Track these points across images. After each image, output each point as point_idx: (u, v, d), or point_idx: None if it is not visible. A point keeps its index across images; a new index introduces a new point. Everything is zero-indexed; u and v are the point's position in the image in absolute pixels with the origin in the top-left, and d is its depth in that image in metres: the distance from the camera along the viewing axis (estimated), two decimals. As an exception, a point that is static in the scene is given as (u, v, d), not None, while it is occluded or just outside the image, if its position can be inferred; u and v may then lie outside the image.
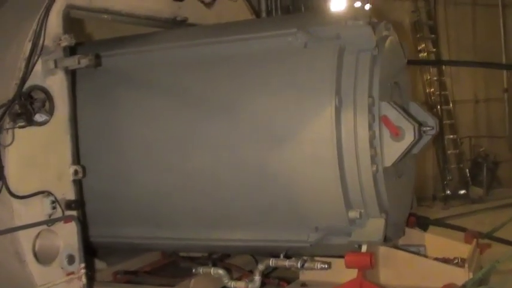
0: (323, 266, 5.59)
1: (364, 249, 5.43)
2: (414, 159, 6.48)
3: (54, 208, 5.30)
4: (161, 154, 5.93)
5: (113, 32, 7.24)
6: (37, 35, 5.24)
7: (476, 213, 14.80)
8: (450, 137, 17.36)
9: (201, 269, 5.96)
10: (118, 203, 6.19)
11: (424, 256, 6.27)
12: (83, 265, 5.45)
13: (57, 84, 5.43)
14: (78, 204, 5.53)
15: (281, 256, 5.71)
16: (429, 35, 17.69)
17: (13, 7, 5.70)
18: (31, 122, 5.17)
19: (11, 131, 5.07)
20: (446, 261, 6.08)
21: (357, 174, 5.30)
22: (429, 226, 7.33)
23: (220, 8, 7.50)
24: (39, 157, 5.31)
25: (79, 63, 5.34)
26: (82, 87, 6.00)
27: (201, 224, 6.00)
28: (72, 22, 5.75)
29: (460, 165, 17.65)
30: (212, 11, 7.39)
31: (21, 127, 5.09)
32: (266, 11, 10.42)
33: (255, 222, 5.76)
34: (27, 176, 5.22)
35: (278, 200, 5.54)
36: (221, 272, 5.88)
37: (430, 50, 17.60)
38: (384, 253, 5.68)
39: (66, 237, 5.38)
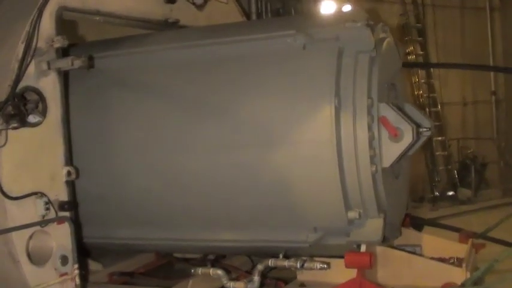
0: (322, 266, 5.61)
1: (363, 249, 5.46)
2: (409, 161, 6.51)
3: (47, 209, 5.30)
4: (155, 156, 5.93)
5: (102, 34, 7.25)
6: (30, 37, 5.25)
7: (465, 214, 14.91)
8: (438, 138, 17.51)
9: (199, 269, 5.95)
10: (111, 204, 6.18)
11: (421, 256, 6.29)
12: (76, 266, 5.45)
13: (50, 86, 5.44)
14: (71, 205, 5.53)
15: (280, 256, 5.72)
16: (417, 38, 17.81)
17: (6, 9, 5.70)
18: (24, 123, 5.17)
19: (4, 132, 5.07)
20: (442, 261, 6.13)
21: (356, 175, 5.33)
22: (424, 226, 7.36)
23: (211, 10, 7.52)
24: (33, 158, 5.31)
25: (72, 64, 5.35)
26: (75, 89, 6.00)
27: (198, 224, 6.01)
28: (65, 23, 5.76)
29: (448, 167, 17.79)
30: (203, 13, 7.42)
31: (14, 128, 5.10)
32: (256, 13, 10.47)
33: (253, 223, 5.77)
34: (21, 177, 5.21)
35: (277, 200, 5.56)
36: (220, 272, 5.87)
37: (418, 52, 17.71)
38: (382, 253, 5.71)
39: (60, 238, 5.38)
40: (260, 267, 5.73)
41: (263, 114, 5.56)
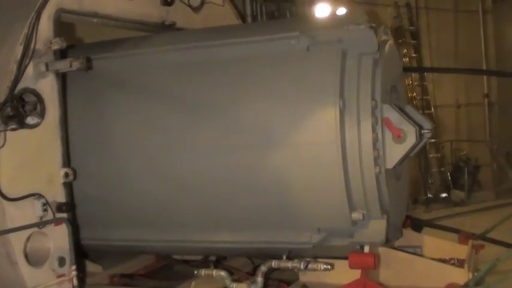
0: (326, 267, 5.58)
1: (367, 250, 5.46)
2: (409, 163, 6.52)
3: (45, 210, 5.29)
4: (154, 157, 5.93)
5: (98, 36, 7.26)
6: (28, 38, 5.25)
7: (458, 216, 14.99)
8: (432, 141, 17.56)
9: (203, 271, 5.92)
10: (109, 205, 6.17)
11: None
12: (73, 267, 5.44)
13: (48, 87, 5.44)
14: (69, 206, 5.53)
15: (284, 257, 5.71)
16: (411, 41, 17.91)
17: (4, 10, 5.71)
18: (23, 124, 5.17)
19: (2, 134, 5.07)
20: (442, 262, 6.12)
21: (360, 176, 5.33)
22: (423, 228, 7.38)
23: (208, 12, 7.53)
24: (31, 160, 5.31)
25: (71, 66, 5.35)
26: (73, 90, 6.00)
27: (199, 226, 5.99)
28: (63, 25, 5.77)
29: (442, 169, 17.88)
30: (199, 15, 7.43)
31: (13, 129, 5.09)
32: (251, 15, 10.52)
33: (256, 224, 5.76)
34: (19, 178, 5.21)
35: (280, 202, 5.55)
36: (223, 273, 5.83)
37: (412, 55, 17.81)
38: (384, 254, 5.71)
39: (57, 239, 5.38)
40: (263, 268, 5.70)
41: (266, 115, 5.55)
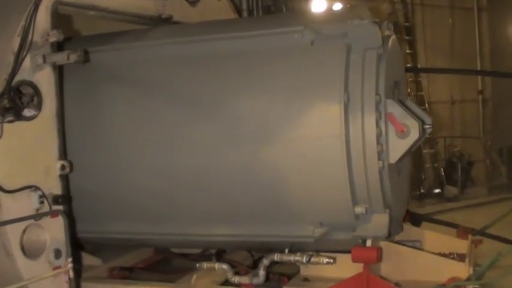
0: (329, 260, 5.63)
1: (369, 244, 5.47)
2: (410, 158, 6.52)
3: (41, 203, 5.30)
4: (150, 151, 5.93)
5: (95, 28, 7.25)
6: (26, 30, 5.24)
7: (451, 211, 15.05)
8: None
9: (205, 264, 5.96)
10: (106, 198, 6.17)
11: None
12: (70, 259, 5.45)
13: (45, 80, 5.43)
14: (65, 199, 5.52)
15: (286, 251, 5.74)
16: (406, 37, 17.92)
17: (2, 3, 5.70)
18: (20, 116, 5.17)
19: (-1, 126, 5.10)
20: (442, 256, 6.15)
21: (364, 171, 5.34)
22: (422, 222, 7.40)
23: (204, 6, 7.54)
24: (27, 152, 5.31)
25: (68, 58, 5.34)
26: (69, 83, 6.00)
27: (198, 219, 5.99)
28: (60, 18, 5.77)
29: (435, 165, 17.93)
30: (196, 9, 7.44)
31: (9, 122, 5.09)
32: (247, 10, 10.52)
33: (258, 218, 5.76)
34: (15, 170, 5.22)
35: (283, 195, 5.55)
36: (225, 267, 5.88)
37: (407, 51, 17.83)
38: (385, 248, 5.72)
39: (53, 231, 5.39)
40: (266, 261, 5.73)
41: (270, 110, 5.55)
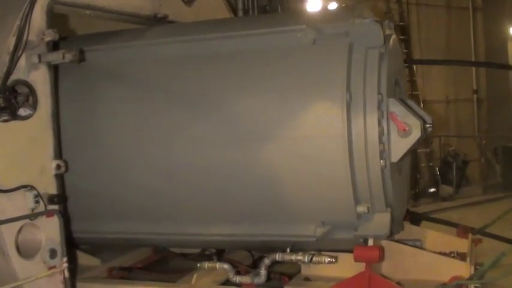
0: (331, 260, 5.62)
1: (371, 243, 5.46)
2: (409, 157, 6.51)
3: (37, 202, 5.29)
4: (147, 150, 5.91)
5: (91, 28, 7.25)
6: (21, 30, 5.23)
7: (446, 210, 15.09)
8: (421, 136, 17.59)
9: (206, 263, 5.94)
10: (102, 198, 6.16)
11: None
12: (65, 259, 5.45)
13: (41, 79, 5.43)
14: (61, 198, 5.52)
15: (287, 250, 5.73)
16: (401, 36, 17.93)
17: (-3, 2, 5.70)
18: (15, 116, 5.17)
19: (-6, 125, 5.08)
20: (443, 255, 6.17)
21: (366, 170, 5.33)
22: (421, 221, 7.45)
23: (200, 5, 7.54)
24: (23, 151, 5.30)
25: (63, 58, 5.34)
26: (65, 82, 5.98)
27: (198, 219, 5.97)
28: (56, 17, 5.76)
29: (430, 164, 17.95)
30: (191, 8, 7.43)
31: (5, 121, 5.09)
32: (243, 9, 10.50)
33: (259, 217, 5.74)
34: (11, 170, 5.20)
35: (285, 195, 5.54)
36: (226, 266, 5.86)
37: (402, 50, 17.82)
38: (386, 247, 5.73)
39: (49, 231, 5.38)
40: (267, 261, 5.72)
41: (272, 109, 5.53)
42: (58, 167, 5.52)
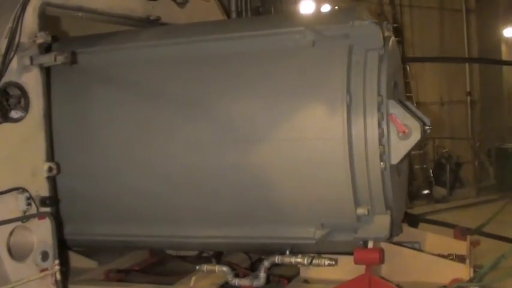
0: (330, 262, 5.60)
1: (371, 246, 5.45)
2: (408, 159, 6.47)
3: (28, 205, 5.29)
4: (140, 152, 5.90)
5: (83, 30, 7.23)
6: (13, 32, 5.24)
7: (439, 212, 15.09)
8: (414, 137, 17.58)
9: (205, 266, 5.91)
10: (94, 200, 6.14)
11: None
12: (57, 262, 5.45)
13: (33, 81, 5.43)
14: (53, 201, 5.53)
15: (287, 253, 5.71)
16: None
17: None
18: (7, 118, 5.19)
19: (-14, 128, 5.07)
20: (441, 257, 6.15)
21: (366, 172, 5.32)
22: (419, 223, 7.41)
23: (193, 7, 7.53)
24: (14, 153, 5.30)
25: (55, 60, 5.34)
26: (57, 84, 5.98)
27: (195, 221, 5.95)
28: (48, 19, 5.76)
29: (424, 166, 17.96)
30: (184, 10, 7.43)
31: (-4, 123, 5.11)
32: (236, 11, 10.51)
33: (258, 219, 5.73)
34: (2, 172, 5.20)
35: (284, 197, 5.53)
36: (225, 269, 5.84)
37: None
38: (386, 249, 5.71)
39: (40, 233, 5.38)
40: (266, 263, 5.71)
41: (271, 111, 5.52)
42: (50, 169, 5.52)
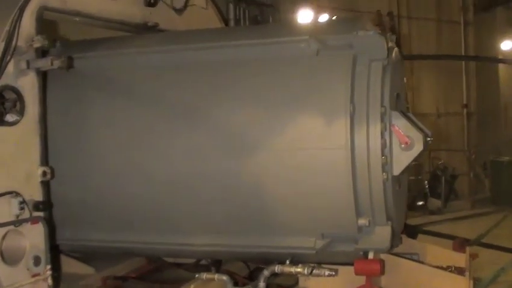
0: (331, 273, 5.54)
1: (371, 257, 5.41)
2: (408, 171, 6.42)
3: (22, 209, 5.26)
4: (135, 158, 5.86)
5: (81, 35, 7.24)
6: (10, 35, 5.24)
7: (434, 224, 15.11)
8: (410, 149, 17.62)
9: (204, 274, 5.85)
10: (87, 206, 6.09)
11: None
12: (49, 267, 5.42)
13: (29, 85, 5.43)
14: (46, 205, 5.50)
15: (287, 262, 5.65)
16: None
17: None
18: (2, 121, 5.18)
19: (-19, 131, 5.07)
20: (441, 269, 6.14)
21: (368, 182, 5.28)
22: (418, 234, 7.39)
23: (191, 14, 7.54)
24: (9, 157, 5.28)
25: (52, 64, 5.35)
26: (53, 89, 5.96)
27: (193, 229, 5.91)
28: (45, 23, 5.76)
29: (419, 177, 18.00)
30: (182, 17, 7.44)
31: (-9, 127, 5.10)
32: (234, 19, 10.51)
33: (259, 228, 5.68)
34: (-4, 175, 5.20)
35: (285, 206, 5.49)
36: (225, 278, 5.80)
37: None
38: (386, 260, 5.66)
39: (33, 238, 5.35)
40: (266, 273, 5.66)
41: (273, 120, 5.48)
42: (44, 173, 5.50)
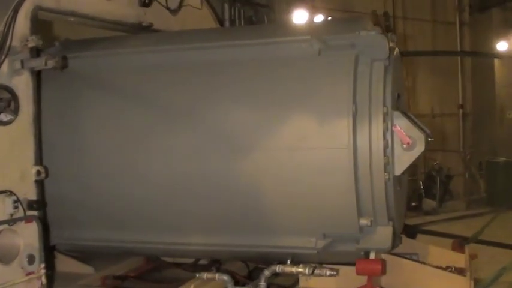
0: (332, 273, 5.54)
1: (373, 257, 5.41)
2: (408, 171, 6.41)
3: (16, 208, 5.30)
4: (129, 158, 5.87)
5: (76, 34, 7.24)
6: (4, 35, 5.27)
7: (429, 224, 15.12)
8: (405, 149, 17.65)
9: (205, 274, 5.84)
10: (81, 205, 6.10)
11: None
12: (43, 265, 5.45)
13: (23, 85, 5.46)
14: (40, 204, 5.53)
15: (288, 262, 5.65)
16: (388, 50, 18.01)
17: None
18: (-4, 121, 5.20)
19: (-25, 130, 5.09)
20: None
21: (370, 183, 5.28)
22: (417, 234, 7.39)
23: (186, 15, 7.56)
24: (3, 156, 5.31)
25: (46, 64, 5.37)
26: (47, 88, 5.97)
27: (191, 228, 5.90)
28: (40, 23, 5.78)
29: (414, 178, 18.02)
30: (177, 17, 7.46)
31: (-15, 126, 5.12)
32: (229, 19, 10.54)
33: (260, 228, 5.68)
34: (-10, 175, 5.22)
35: (287, 206, 5.49)
36: (226, 277, 5.79)
37: (388, 64, 17.92)
38: (387, 260, 5.67)
39: (27, 237, 5.38)
40: (267, 272, 5.64)
41: (275, 119, 5.49)
42: (38, 173, 5.53)
